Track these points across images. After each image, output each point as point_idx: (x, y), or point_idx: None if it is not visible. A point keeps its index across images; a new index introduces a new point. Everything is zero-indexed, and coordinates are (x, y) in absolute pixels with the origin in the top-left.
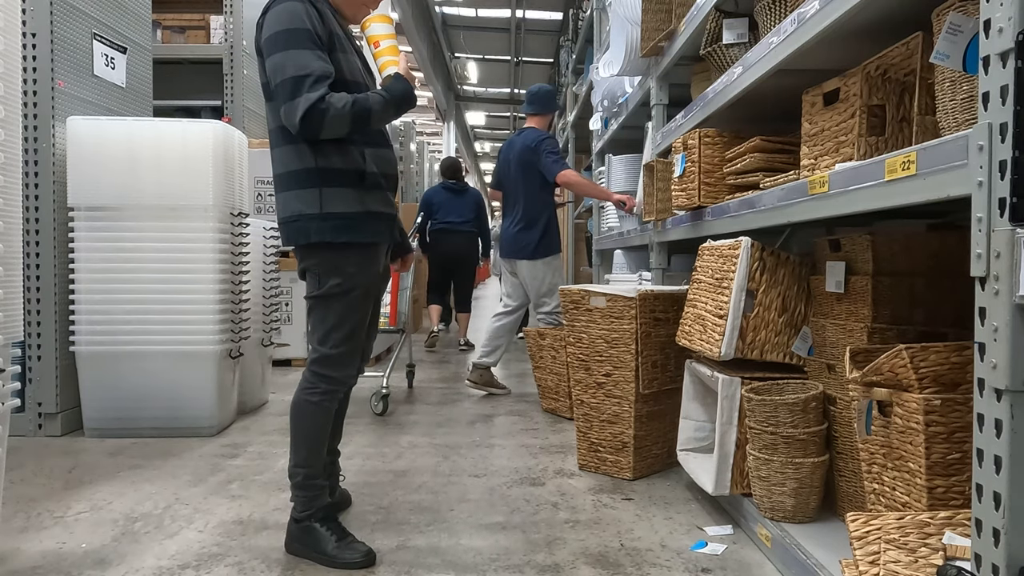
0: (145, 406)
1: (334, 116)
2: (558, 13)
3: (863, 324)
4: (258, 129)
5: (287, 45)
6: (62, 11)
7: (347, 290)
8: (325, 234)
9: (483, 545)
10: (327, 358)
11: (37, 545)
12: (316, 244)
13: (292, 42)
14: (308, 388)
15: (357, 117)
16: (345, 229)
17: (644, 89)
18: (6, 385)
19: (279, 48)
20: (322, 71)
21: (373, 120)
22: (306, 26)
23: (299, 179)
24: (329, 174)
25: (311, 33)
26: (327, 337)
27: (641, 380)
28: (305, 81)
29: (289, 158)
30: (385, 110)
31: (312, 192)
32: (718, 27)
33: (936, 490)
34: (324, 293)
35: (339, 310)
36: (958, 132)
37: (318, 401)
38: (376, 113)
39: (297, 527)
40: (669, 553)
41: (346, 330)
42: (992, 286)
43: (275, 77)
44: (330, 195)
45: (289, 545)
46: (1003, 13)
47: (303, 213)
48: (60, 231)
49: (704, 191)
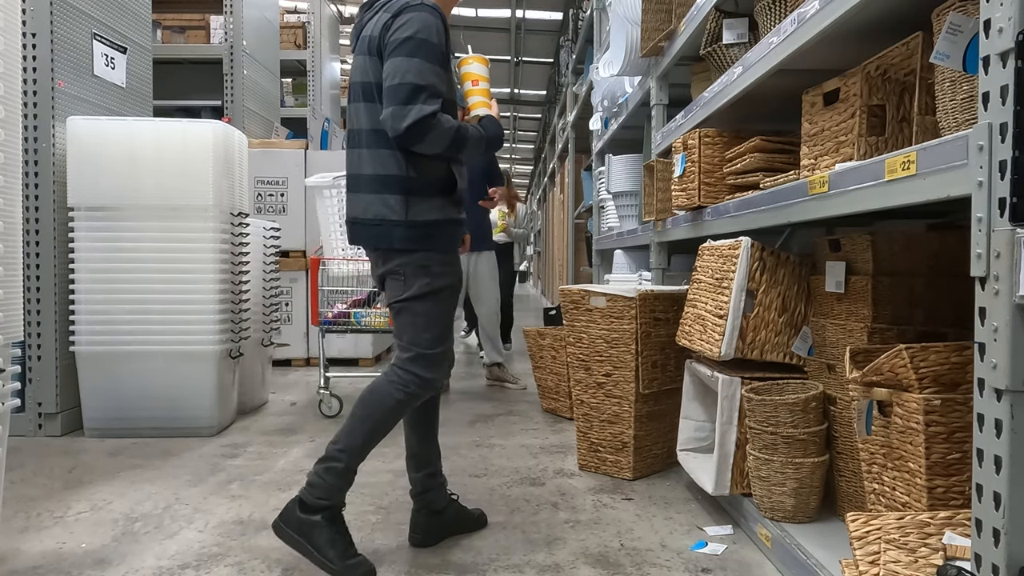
0: (145, 406)
1: (438, 134)
2: (558, 13)
3: (863, 324)
4: (258, 129)
5: (415, 53)
6: (62, 11)
7: (436, 290)
8: (411, 241)
9: (483, 545)
10: (422, 357)
11: (37, 545)
12: (400, 249)
13: (421, 52)
14: (397, 383)
15: (455, 142)
16: (430, 237)
17: (644, 89)
18: (6, 385)
19: (406, 53)
20: (438, 89)
21: (467, 150)
22: (435, 42)
23: (389, 184)
24: (419, 184)
25: (438, 50)
26: (419, 338)
27: (641, 380)
28: (423, 92)
29: (383, 162)
30: (477, 146)
31: (399, 199)
32: (718, 27)
33: (936, 490)
34: (413, 295)
35: (429, 311)
36: (958, 132)
37: (404, 399)
38: (471, 145)
39: (303, 516)
40: (669, 553)
41: (439, 329)
42: (992, 286)
43: (393, 79)
44: (417, 204)
45: (282, 529)
46: (1003, 13)
47: (387, 219)
48: (60, 231)
49: (704, 191)
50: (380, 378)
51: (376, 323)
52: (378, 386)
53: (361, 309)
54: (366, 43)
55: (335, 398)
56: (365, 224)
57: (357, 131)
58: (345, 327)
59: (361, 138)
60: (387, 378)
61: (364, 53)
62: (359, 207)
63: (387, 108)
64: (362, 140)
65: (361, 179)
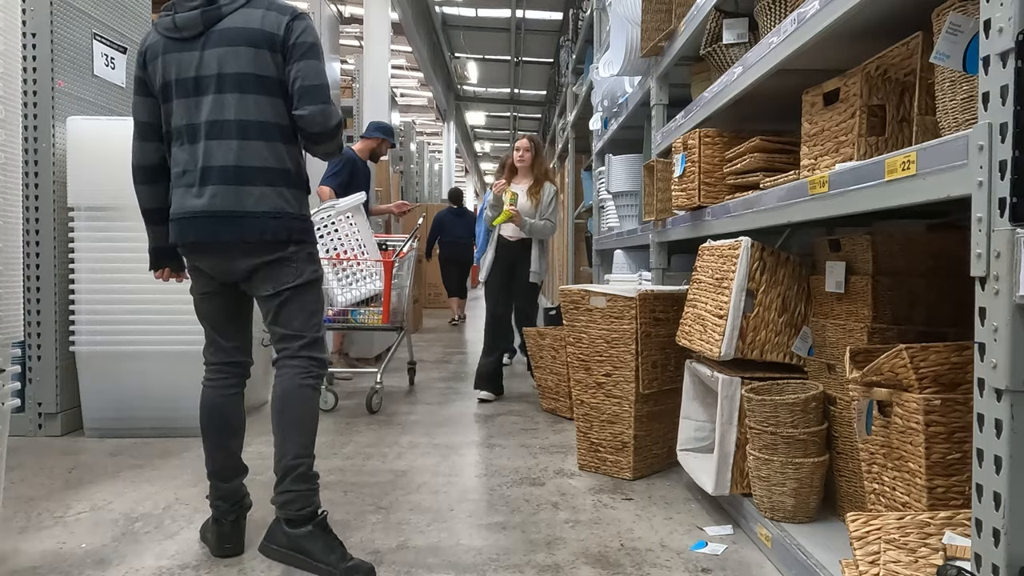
0: (145, 406)
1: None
2: (558, 13)
3: (863, 324)
4: None
5: (320, 57)
6: (62, 11)
7: (319, 278)
8: (305, 233)
9: (483, 545)
10: (316, 341)
11: (37, 545)
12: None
13: (322, 56)
14: (304, 374)
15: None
16: (312, 230)
17: (644, 89)
18: (6, 385)
19: (318, 57)
20: None
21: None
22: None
23: (286, 178)
24: (303, 180)
25: None
26: (310, 323)
27: (641, 380)
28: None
29: (278, 156)
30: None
31: (293, 193)
32: (718, 27)
33: (936, 490)
34: (305, 281)
35: (316, 296)
36: (958, 132)
37: (315, 384)
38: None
39: (293, 531)
40: (669, 553)
41: (320, 314)
42: (992, 286)
43: (316, 79)
44: (303, 198)
45: (273, 550)
46: (1003, 13)
47: (285, 211)
48: (60, 231)
49: (704, 191)
50: (285, 383)
51: (371, 321)
52: (289, 390)
53: (359, 308)
54: (247, 35)
55: (331, 393)
56: (258, 216)
57: (234, 121)
58: (344, 324)
59: (246, 130)
60: (293, 379)
61: (250, 45)
62: (249, 199)
63: (312, 106)
64: (248, 132)
65: (248, 171)
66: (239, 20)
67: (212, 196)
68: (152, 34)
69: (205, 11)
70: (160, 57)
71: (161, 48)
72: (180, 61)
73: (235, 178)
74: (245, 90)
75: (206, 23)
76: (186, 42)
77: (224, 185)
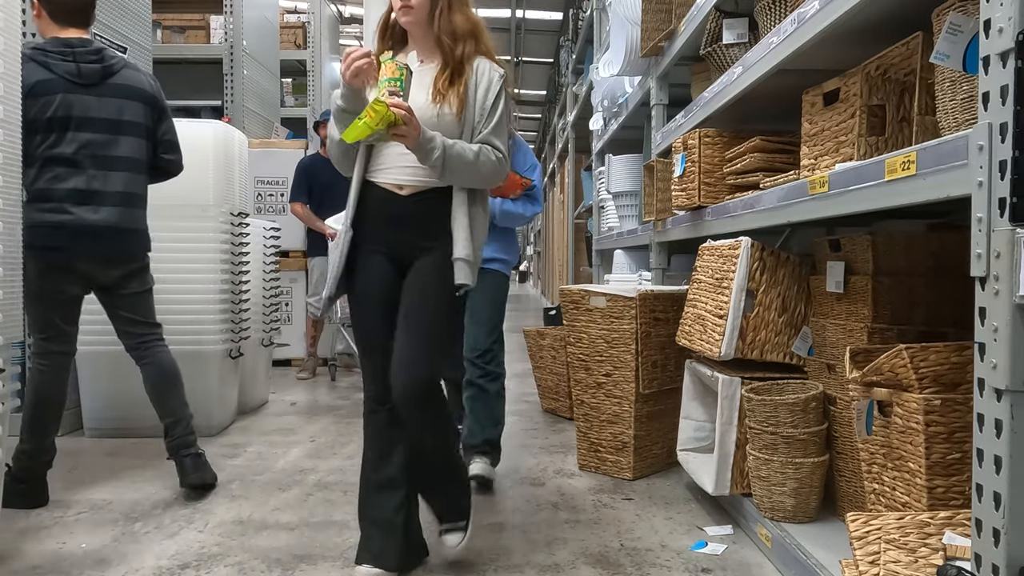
0: (145, 406)
1: None
2: (558, 13)
3: (863, 324)
4: (258, 129)
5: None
6: None
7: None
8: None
9: (483, 545)
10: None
11: (37, 545)
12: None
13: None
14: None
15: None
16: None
17: (644, 89)
18: (6, 385)
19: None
20: None
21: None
22: None
23: (144, 203)
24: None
25: None
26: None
27: (641, 380)
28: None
29: (145, 185)
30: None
31: (143, 215)
32: (718, 27)
33: (936, 490)
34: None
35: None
36: (958, 132)
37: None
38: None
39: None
40: (669, 553)
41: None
42: (992, 286)
43: (175, 135)
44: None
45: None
46: (1003, 13)
47: (144, 229)
48: None
49: (704, 191)
50: (162, 358)
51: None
52: (169, 363)
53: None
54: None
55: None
56: (137, 232)
57: (124, 158)
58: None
59: (132, 164)
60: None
61: (141, 101)
62: (136, 220)
63: (176, 154)
64: (134, 166)
65: (135, 197)
66: (130, 79)
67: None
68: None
69: (105, 66)
70: (61, 95)
71: (61, 87)
72: (83, 102)
73: (124, 202)
74: (137, 135)
75: (103, 76)
76: (86, 87)
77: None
